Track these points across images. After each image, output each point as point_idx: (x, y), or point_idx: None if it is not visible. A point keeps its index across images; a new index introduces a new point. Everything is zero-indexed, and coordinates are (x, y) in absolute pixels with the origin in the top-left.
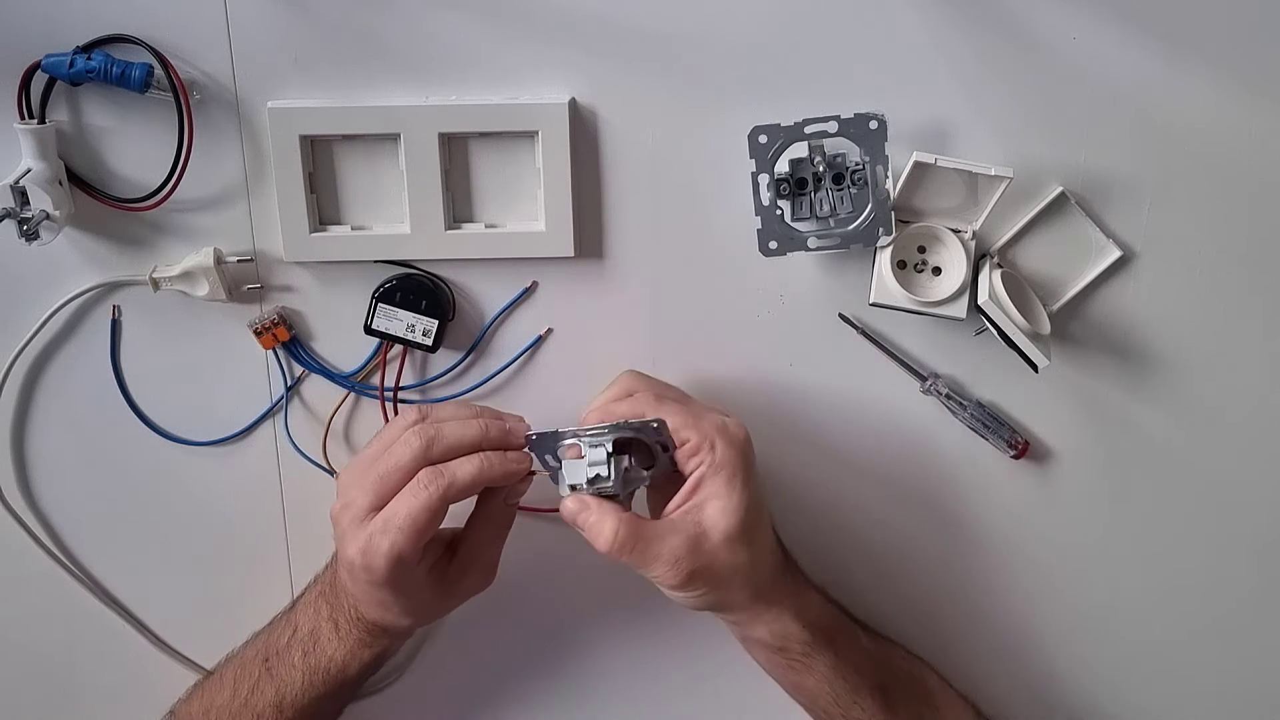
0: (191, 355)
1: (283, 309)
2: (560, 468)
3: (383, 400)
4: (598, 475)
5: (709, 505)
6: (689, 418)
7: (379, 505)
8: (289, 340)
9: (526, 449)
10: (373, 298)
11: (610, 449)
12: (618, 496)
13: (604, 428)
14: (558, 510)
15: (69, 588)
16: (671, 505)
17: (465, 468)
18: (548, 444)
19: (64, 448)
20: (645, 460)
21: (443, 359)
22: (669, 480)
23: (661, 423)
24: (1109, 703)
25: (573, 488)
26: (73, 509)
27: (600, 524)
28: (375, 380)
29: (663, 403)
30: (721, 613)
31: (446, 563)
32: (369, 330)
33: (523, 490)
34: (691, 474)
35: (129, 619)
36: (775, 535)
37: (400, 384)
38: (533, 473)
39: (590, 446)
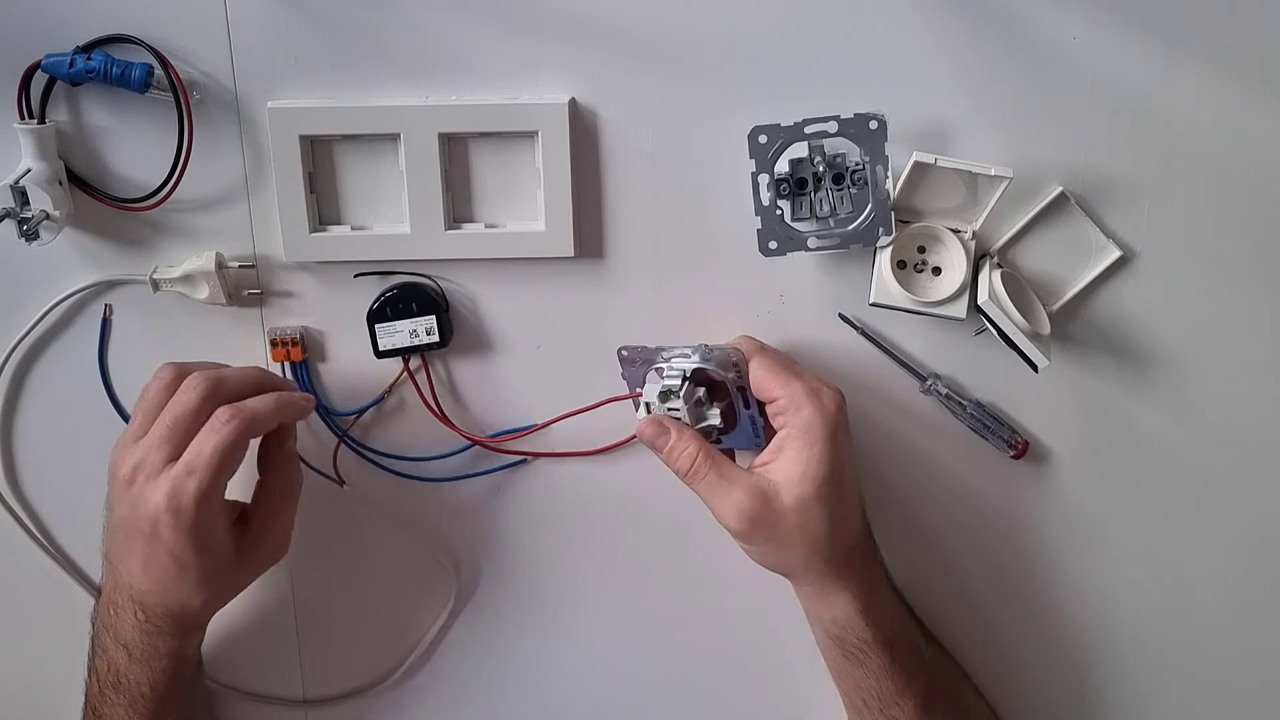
0: (187, 357)
1: (307, 329)
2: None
3: (431, 408)
4: (668, 390)
5: (788, 466)
6: (780, 376)
7: (176, 455)
8: (300, 362)
9: (618, 362)
10: (369, 323)
11: (688, 373)
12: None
13: (687, 348)
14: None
15: (69, 589)
16: (757, 461)
17: (264, 401)
18: (636, 361)
19: (51, 445)
20: (726, 411)
21: (455, 355)
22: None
23: (740, 353)
24: (1108, 701)
25: (646, 405)
26: (61, 506)
27: (681, 446)
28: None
29: (760, 354)
30: (787, 576)
31: (242, 529)
32: (380, 354)
33: (294, 430)
34: (779, 432)
35: None
36: (863, 517)
37: (434, 391)
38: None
39: (669, 372)
